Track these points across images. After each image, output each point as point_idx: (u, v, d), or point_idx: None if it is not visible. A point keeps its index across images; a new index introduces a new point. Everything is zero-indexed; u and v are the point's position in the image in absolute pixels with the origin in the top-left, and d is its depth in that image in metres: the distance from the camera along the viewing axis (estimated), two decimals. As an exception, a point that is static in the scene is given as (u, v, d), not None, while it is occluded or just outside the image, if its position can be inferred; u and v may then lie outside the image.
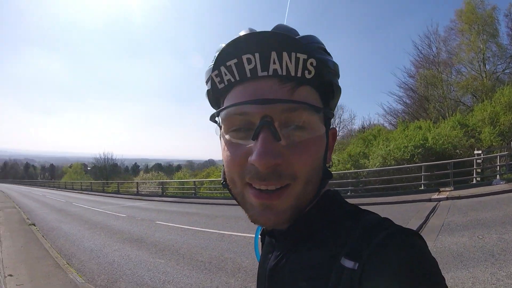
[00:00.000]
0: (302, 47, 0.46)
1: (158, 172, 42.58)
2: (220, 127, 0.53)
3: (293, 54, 0.45)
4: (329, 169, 0.55)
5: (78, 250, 7.52)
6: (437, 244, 5.62)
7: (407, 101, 29.29)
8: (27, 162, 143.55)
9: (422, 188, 12.96)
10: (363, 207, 0.56)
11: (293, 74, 0.46)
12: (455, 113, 20.61)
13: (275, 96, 0.46)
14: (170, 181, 28.84)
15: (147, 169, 66.91)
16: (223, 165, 0.55)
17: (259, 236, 0.71)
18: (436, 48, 26.65)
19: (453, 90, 25.49)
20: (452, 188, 11.77)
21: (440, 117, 23.03)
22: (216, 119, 0.53)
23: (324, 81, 0.51)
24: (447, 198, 10.20)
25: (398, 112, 29.56)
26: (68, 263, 6.32)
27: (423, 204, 9.84)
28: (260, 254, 0.68)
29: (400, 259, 0.42)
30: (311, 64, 0.46)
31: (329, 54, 0.56)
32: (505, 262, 4.48)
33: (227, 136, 0.51)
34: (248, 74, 0.47)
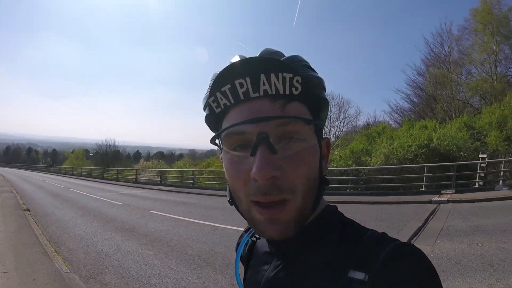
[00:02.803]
0: (287, 67, 0.49)
1: (158, 161, 42.44)
2: (221, 149, 0.56)
3: (279, 75, 0.49)
4: (325, 176, 0.58)
5: (68, 237, 7.45)
6: (434, 250, 5.44)
7: (415, 99, 28.98)
8: (29, 146, 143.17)
9: (423, 189, 12.78)
10: (362, 206, 0.62)
11: (281, 92, 0.50)
12: (462, 115, 20.31)
13: (268, 114, 0.50)
14: (169, 169, 28.98)
15: (148, 157, 66.68)
16: (227, 184, 0.59)
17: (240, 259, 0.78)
18: (448, 47, 26.14)
19: (462, 91, 25.07)
20: (454, 191, 11.53)
21: (447, 118, 22.69)
22: (217, 141, 0.58)
23: (311, 96, 0.55)
24: (447, 201, 9.99)
25: (405, 110, 29.28)
26: (56, 251, 6.23)
27: (423, 206, 9.63)
28: (242, 276, 0.74)
29: (409, 271, 0.45)
30: (297, 81, 0.50)
31: (313, 70, 0.60)
32: (504, 273, 4.29)
33: (228, 156, 0.54)
34: (242, 97, 0.51)
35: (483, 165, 13.24)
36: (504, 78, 23.11)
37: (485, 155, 13.79)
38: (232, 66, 0.50)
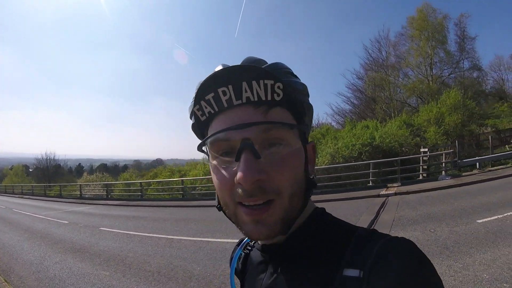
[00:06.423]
0: (268, 74, 0.50)
1: (103, 173, 40.28)
2: (208, 156, 0.57)
3: (261, 82, 0.49)
4: (312, 179, 0.58)
5: (16, 263, 6.82)
6: (390, 240, 5.64)
7: (355, 101, 30.80)
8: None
9: (370, 184, 13.34)
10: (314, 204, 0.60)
11: (263, 98, 0.50)
12: (401, 114, 21.56)
13: (251, 120, 0.50)
14: (115, 182, 27.38)
15: (91, 170, 62.85)
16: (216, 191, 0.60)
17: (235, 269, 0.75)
18: (386, 52, 28.31)
19: (400, 92, 26.99)
20: (400, 184, 12.25)
21: (387, 118, 24.02)
22: (203, 148, 0.57)
23: (294, 101, 0.55)
24: (395, 194, 10.54)
25: (346, 112, 30.91)
26: (6, 281, 5.64)
27: (372, 200, 10.05)
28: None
29: (403, 264, 0.45)
30: (279, 87, 0.50)
31: (296, 76, 0.60)
32: (459, 254, 4.59)
33: (214, 162, 0.54)
34: (225, 105, 0.51)
35: (425, 158, 14.28)
36: (439, 79, 25.34)
37: (426, 149, 14.81)
38: (215, 74, 0.50)
